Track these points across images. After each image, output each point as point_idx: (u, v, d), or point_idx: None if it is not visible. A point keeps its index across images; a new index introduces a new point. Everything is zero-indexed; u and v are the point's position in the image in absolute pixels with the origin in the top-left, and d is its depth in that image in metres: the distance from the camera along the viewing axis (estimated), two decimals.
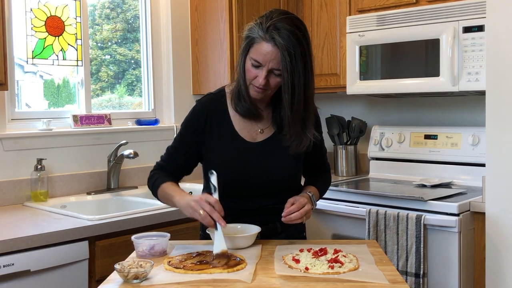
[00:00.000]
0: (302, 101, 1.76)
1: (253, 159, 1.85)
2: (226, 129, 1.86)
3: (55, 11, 2.87)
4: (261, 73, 1.73)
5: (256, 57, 1.72)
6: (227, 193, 1.82)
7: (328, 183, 2.08)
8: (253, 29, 1.74)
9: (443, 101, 3.13)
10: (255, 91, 1.78)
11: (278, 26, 1.69)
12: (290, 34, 1.69)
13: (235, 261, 1.56)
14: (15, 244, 1.97)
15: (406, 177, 3.07)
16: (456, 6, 2.61)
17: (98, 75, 3.22)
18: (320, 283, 1.43)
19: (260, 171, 1.84)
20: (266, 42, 1.70)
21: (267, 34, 1.70)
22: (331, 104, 3.57)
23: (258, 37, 1.72)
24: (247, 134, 1.87)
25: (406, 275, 2.41)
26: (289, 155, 1.86)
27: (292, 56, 1.69)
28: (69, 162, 2.85)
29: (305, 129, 1.82)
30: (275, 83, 1.76)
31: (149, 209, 2.44)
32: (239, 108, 1.85)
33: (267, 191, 1.87)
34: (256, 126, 1.88)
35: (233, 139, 1.86)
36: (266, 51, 1.70)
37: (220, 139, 1.86)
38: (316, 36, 3.25)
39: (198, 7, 3.32)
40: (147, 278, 1.47)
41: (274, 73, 1.74)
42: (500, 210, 2.29)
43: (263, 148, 1.86)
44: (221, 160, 1.85)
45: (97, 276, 2.21)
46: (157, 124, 3.26)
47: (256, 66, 1.74)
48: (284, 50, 1.68)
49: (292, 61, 1.69)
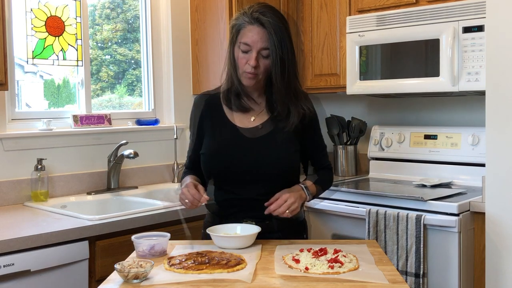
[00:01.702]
0: (291, 75, 1.87)
1: (247, 145, 1.88)
2: (220, 120, 1.93)
3: (55, 11, 2.87)
4: (251, 55, 1.82)
5: (244, 40, 1.83)
6: (223, 183, 1.89)
7: (328, 179, 2.08)
8: (238, 18, 1.87)
9: (443, 101, 3.13)
10: (248, 78, 1.86)
11: (261, 11, 1.84)
12: (274, 15, 1.84)
13: (235, 261, 1.56)
14: (15, 244, 1.97)
15: (406, 177, 3.07)
16: (456, 6, 2.61)
17: (98, 75, 3.22)
18: (320, 283, 1.43)
19: (253, 158, 1.87)
20: (252, 24, 1.83)
21: (252, 18, 1.83)
22: (331, 104, 3.57)
23: (244, 23, 1.84)
24: (239, 122, 1.93)
25: (406, 275, 2.41)
26: (284, 141, 1.89)
27: (278, 33, 1.81)
28: (69, 162, 2.85)
29: (297, 101, 1.91)
30: (265, 65, 1.84)
31: (149, 209, 2.44)
32: (230, 105, 1.93)
33: (263, 177, 1.88)
34: (249, 115, 1.94)
35: (226, 127, 1.92)
36: (253, 33, 1.82)
37: (214, 130, 1.92)
38: (316, 36, 3.25)
39: (198, 7, 3.32)
40: (147, 278, 1.47)
41: (263, 55, 1.83)
42: (500, 210, 2.29)
43: (256, 134, 1.90)
44: (216, 149, 1.90)
45: (97, 276, 2.21)
46: (157, 124, 3.26)
47: (245, 51, 1.83)
48: (271, 28, 1.81)
49: (279, 37, 1.81)
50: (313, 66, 3.27)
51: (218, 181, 1.92)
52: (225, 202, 1.92)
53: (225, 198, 1.91)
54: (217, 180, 1.93)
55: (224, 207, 1.92)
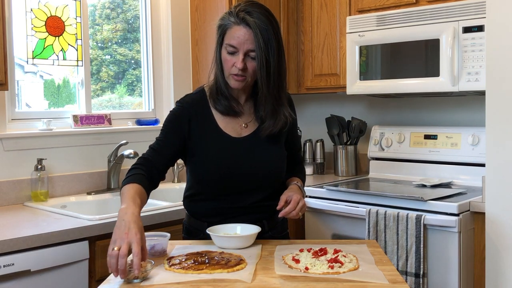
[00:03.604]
0: (277, 78, 1.79)
1: (240, 154, 1.85)
2: (210, 128, 1.85)
3: (55, 11, 2.88)
4: (238, 57, 1.74)
5: (230, 41, 1.75)
6: (214, 192, 1.85)
7: (304, 173, 2.10)
8: (224, 18, 1.79)
9: (443, 101, 3.13)
10: (235, 80, 1.78)
11: (248, 10, 1.74)
12: (260, 14, 1.74)
13: (235, 261, 1.56)
14: (15, 244, 1.97)
15: (406, 177, 3.07)
16: (456, 6, 2.61)
17: (98, 75, 3.22)
18: (320, 283, 1.43)
19: (247, 165, 1.84)
20: (238, 25, 1.73)
21: (237, 18, 1.74)
22: (331, 104, 3.57)
23: (230, 23, 1.75)
24: (231, 130, 1.87)
25: (406, 275, 2.41)
26: (276, 147, 1.88)
27: (265, 33, 1.72)
28: (69, 162, 2.85)
29: (280, 106, 1.84)
30: (253, 67, 1.77)
31: (149, 209, 2.43)
32: (219, 106, 1.85)
33: (255, 185, 1.86)
34: (240, 121, 1.88)
35: (218, 136, 1.85)
36: (239, 34, 1.73)
37: (205, 139, 1.85)
38: (316, 36, 3.25)
39: (198, 7, 3.33)
40: (147, 278, 1.47)
41: (250, 56, 1.75)
42: (500, 210, 2.29)
43: (249, 143, 1.86)
44: (208, 158, 1.84)
45: (97, 276, 2.21)
46: (157, 124, 3.26)
47: (231, 53, 1.76)
48: (256, 29, 1.71)
49: (265, 38, 1.72)
50: (313, 66, 3.27)
51: (213, 189, 1.85)
52: (215, 210, 1.87)
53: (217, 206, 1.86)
54: (211, 188, 1.86)
55: (213, 215, 1.87)
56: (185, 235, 1.98)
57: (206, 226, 1.83)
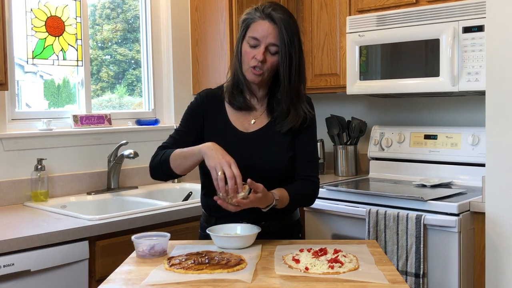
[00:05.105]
0: (298, 74, 1.86)
1: (243, 148, 1.87)
2: (220, 120, 1.92)
3: (55, 11, 2.87)
4: (259, 50, 1.81)
5: (254, 34, 1.82)
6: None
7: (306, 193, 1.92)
8: (250, 13, 1.87)
9: (443, 101, 3.13)
10: (253, 74, 1.84)
11: (274, 7, 1.84)
12: (285, 13, 1.84)
13: (235, 261, 1.56)
14: (15, 244, 1.97)
15: (406, 177, 3.07)
16: (456, 6, 2.62)
17: (98, 75, 3.22)
18: (320, 283, 1.43)
19: (247, 160, 1.84)
20: (263, 20, 1.82)
21: (263, 14, 1.82)
22: (331, 104, 3.57)
23: (255, 17, 1.84)
24: (240, 125, 1.92)
25: (406, 275, 2.41)
26: (279, 146, 1.89)
27: (289, 29, 1.81)
28: (69, 162, 2.85)
29: (300, 102, 1.90)
30: (272, 62, 1.83)
31: (149, 209, 2.43)
32: (232, 100, 1.92)
33: (259, 181, 1.85)
34: (249, 117, 1.94)
35: (226, 129, 1.91)
36: (263, 27, 1.81)
37: (214, 130, 1.91)
38: (316, 36, 3.25)
39: (198, 7, 3.33)
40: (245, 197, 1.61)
41: (270, 51, 1.82)
42: (500, 210, 2.29)
43: (255, 138, 1.90)
44: None
45: (97, 276, 2.21)
46: (157, 124, 3.26)
47: (253, 46, 1.82)
48: (281, 24, 1.80)
49: (289, 34, 1.81)
50: (313, 66, 3.27)
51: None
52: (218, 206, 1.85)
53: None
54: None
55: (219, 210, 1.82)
56: (199, 231, 2.01)
57: (213, 221, 1.89)
